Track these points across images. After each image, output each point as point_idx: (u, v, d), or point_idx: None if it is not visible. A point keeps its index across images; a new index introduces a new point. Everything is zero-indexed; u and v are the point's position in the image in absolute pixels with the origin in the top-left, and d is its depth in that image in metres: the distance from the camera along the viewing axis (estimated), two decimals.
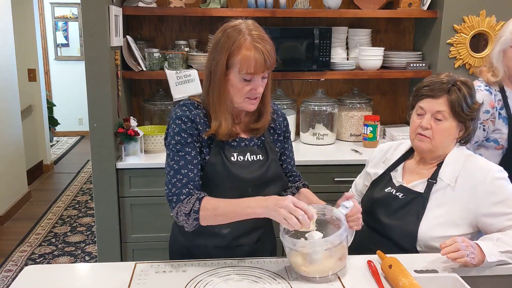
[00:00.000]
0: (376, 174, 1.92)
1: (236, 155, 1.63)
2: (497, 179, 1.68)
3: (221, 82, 1.55)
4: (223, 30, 1.56)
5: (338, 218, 1.57)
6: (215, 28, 1.64)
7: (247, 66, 1.51)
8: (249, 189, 1.60)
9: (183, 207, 1.55)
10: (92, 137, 2.77)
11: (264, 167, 1.66)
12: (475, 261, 1.53)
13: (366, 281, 1.53)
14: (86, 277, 1.63)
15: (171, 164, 1.60)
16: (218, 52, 1.54)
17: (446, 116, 1.70)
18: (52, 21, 7.71)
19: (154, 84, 3.33)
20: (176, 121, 1.60)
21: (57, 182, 5.76)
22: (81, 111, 7.53)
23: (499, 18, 3.09)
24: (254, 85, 1.56)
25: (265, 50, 1.52)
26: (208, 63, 1.59)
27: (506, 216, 1.65)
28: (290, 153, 1.81)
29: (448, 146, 1.76)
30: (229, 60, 1.53)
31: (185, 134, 1.59)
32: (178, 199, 1.56)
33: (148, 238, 2.90)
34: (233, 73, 1.54)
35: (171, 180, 1.58)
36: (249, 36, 1.52)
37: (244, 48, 1.51)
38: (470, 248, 1.53)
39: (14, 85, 4.81)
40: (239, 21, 1.58)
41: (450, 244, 1.52)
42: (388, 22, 3.41)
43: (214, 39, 1.58)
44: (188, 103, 1.64)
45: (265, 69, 1.54)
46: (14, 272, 3.53)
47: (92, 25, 2.64)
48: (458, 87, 1.70)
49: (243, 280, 1.51)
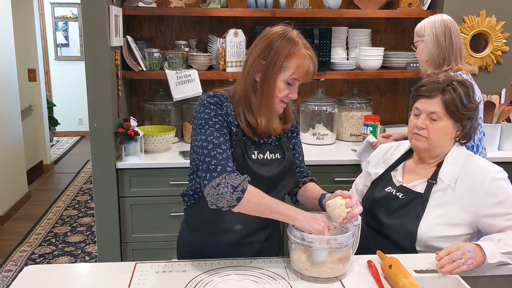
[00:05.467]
0: (376, 174, 1.92)
1: (256, 153, 1.66)
2: (496, 179, 1.68)
3: (274, 83, 1.59)
4: (276, 33, 1.59)
5: (346, 227, 1.60)
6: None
7: (301, 72, 1.58)
8: (264, 186, 1.61)
9: (231, 179, 1.47)
10: (92, 137, 2.77)
11: (281, 166, 1.69)
12: (474, 265, 1.53)
13: (366, 281, 1.53)
14: (86, 277, 1.63)
15: (210, 140, 1.54)
16: (275, 53, 1.56)
17: (441, 116, 1.70)
18: (52, 21, 7.71)
19: (154, 84, 3.33)
20: (210, 106, 1.60)
21: (57, 182, 5.76)
22: (81, 111, 7.54)
23: (499, 18, 3.10)
24: (293, 90, 1.62)
25: (315, 59, 1.60)
26: (256, 63, 1.60)
27: (506, 216, 1.65)
28: (299, 149, 1.85)
29: (446, 145, 1.76)
30: (283, 63, 1.57)
31: (221, 118, 1.59)
32: (224, 170, 1.48)
33: (148, 238, 2.90)
34: (282, 75, 1.58)
35: (210, 153, 1.51)
36: (303, 44, 1.59)
37: (300, 54, 1.57)
38: (467, 254, 1.52)
39: (14, 85, 4.81)
40: (285, 27, 1.63)
41: (445, 255, 1.53)
42: (388, 22, 3.41)
43: (267, 41, 1.59)
44: (219, 94, 1.64)
45: (311, 78, 1.61)
46: (14, 272, 3.53)
47: (92, 25, 2.64)
48: (453, 87, 1.70)
49: (243, 280, 1.51)
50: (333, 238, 1.51)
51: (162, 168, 2.82)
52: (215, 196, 1.48)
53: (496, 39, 3.12)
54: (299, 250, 1.53)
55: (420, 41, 2.33)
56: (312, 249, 1.50)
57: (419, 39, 2.33)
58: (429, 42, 2.27)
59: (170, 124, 3.25)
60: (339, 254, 1.51)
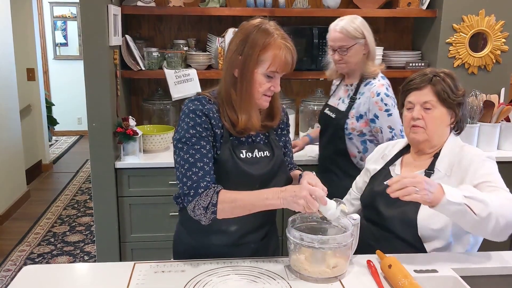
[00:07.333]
0: (375, 169, 1.94)
1: (245, 152, 1.64)
2: (486, 159, 1.71)
3: (252, 77, 1.57)
4: (251, 26, 1.57)
5: (345, 226, 1.60)
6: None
7: (278, 63, 1.55)
8: (256, 185, 1.60)
9: (201, 200, 1.52)
10: (91, 137, 2.76)
11: (271, 163, 1.68)
12: (430, 198, 1.46)
13: (365, 281, 1.52)
14: (85, 277, 1.62)
15: (186, 158, 1.56)
16: (250, 47, 1.54)
17: (434, 104, 1.74)
18: (51, 20, 7.70)
19: (153, 84, 3.33)
20: (189, 115, 1.59)
21: (56, 181, 5.75)
22: (80, 111, 7.52)
23: (498, 18, 3.09)
24: (274, 83, 1.60)
25: (293, 49, 1.57)
26: (233, 58, 1.58)
27: (487, 183, 1.63)
28: (290, 146, 1.85)
29: (443, 134, 1.79)
30: (259, 56, 1.55)
31: (200, 128, 1.58)
32: (196, 193, 1.53)
33: (147, 238, 2.90)
34: (260, 69, 1.56)
35: (186, 174, 1.55)
36: (278, 34, 1.56)
37: (275, 45, 1.54)
38: (423, 184, 1.46)
39: (13, 85, 4.80)
40: (261, 19, 1.60)
41: (396, 181, 1.49)
42: (387, 21, 3.41)
43: (242, 35, 1.57)
44: (200, 98, 1.63)
45: (291, 68, 1.59)
46: (13, 271, 3.52)
47: (91, 24, 2.64)
48: (441, 77, 1.76)
49: (242, 280, 1.51)
50: (332, 238, 1.51)
51: (161, 168, 2.81)
52: (195, 217, 1.56)
53: (495, 38, 3.12)
54: (298, 250, 1.53)
55: (356, 44, 2.36)
56: (311, 249, 1.50)
57: (355, 41, 2.35)
58: (370, 40, 2.39)
59: (169, 123, 3.25)
60: (338, 254, 1.51)
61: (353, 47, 2.35)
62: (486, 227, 1.48)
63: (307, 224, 1.66)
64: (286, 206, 1.50)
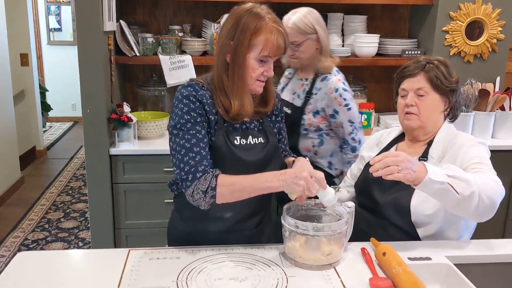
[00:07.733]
0: (370, 157, 1.94)
1: (239, 139, 1.64)
2: (477, 144, 1.72)
3: (244, 62, 1.56)
4: (242, 10, 1.55)
5: (340, 214, 1.60)
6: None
7: (270, 48, 1.54)
8: (251, 171, 1.60)
9: (200, 185, 1.51)
10: (85, 123, 2.75)
11: (265, 150, 1.67)
12: (413, 176, 1.44)
13: (360, 269, 1.53)
14: (79, 263, 1.62)
15: (182, 143, 1.55)
16: (241, 31, 1.53)
17: (427, 91, 1.75)
18: (45, 5, 7.61)
19: (147, 70, 3.30)
20: (183, 101, 1.58)
21: (50, 168, 5.73)
22: (74, 97, 7.47)
23: (495, 6, 3.08)
24: (267, 67, 1.59)
25: (285, 33, 1.56)
26: (225, 43, 1.57)
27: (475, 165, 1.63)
28: (284, 133, 1.84)
29: (437, 121, 1.80)
30: (251, 41, 1.53)
31: (194, 113, 1.57)
32: (194, 177, 1.52)
33: (141, 225, 2.90)
34: (252, 53, 1.55)
35: (183, 159, 1.54)
36: (270, 18, 1.54)
37: (267, 29, 1.53)
38: (405, 163, 1.44)
39: (6, 70, 4.76)
40: (252, 3, 1.58)
41: (379, 160, 1.48)
42: (384, 8, 3.39)
43: (233, 20, 1.56)
44: (193, 84, 1.62)
45: (283, 52, 1.58)
46: (7, 258, 3.52)
47: (85, 9, 2.61)
48: (435, 64, 1.77)
49: (237, 267, 1.51)
50: (327, 226, 1.51)
51: (155, 154, 2.81)
52: (194, 202, 1.55)
53: (491, 27, 3.11)
54: (293, 238, 1.53)
55: (308, 39, 2.34)
56: (305, 236, 1.50)
57: (306, 37, 2.34)
58: (322, 36, 2.36)
59: (163, 110, 3.23)
60: (333, 241, 1.52)
61: (304, 42, 2.34)
62: (469, 207, 1.48)
63: (302, 212, 1.66)
64: (286, 189, 1.50)
